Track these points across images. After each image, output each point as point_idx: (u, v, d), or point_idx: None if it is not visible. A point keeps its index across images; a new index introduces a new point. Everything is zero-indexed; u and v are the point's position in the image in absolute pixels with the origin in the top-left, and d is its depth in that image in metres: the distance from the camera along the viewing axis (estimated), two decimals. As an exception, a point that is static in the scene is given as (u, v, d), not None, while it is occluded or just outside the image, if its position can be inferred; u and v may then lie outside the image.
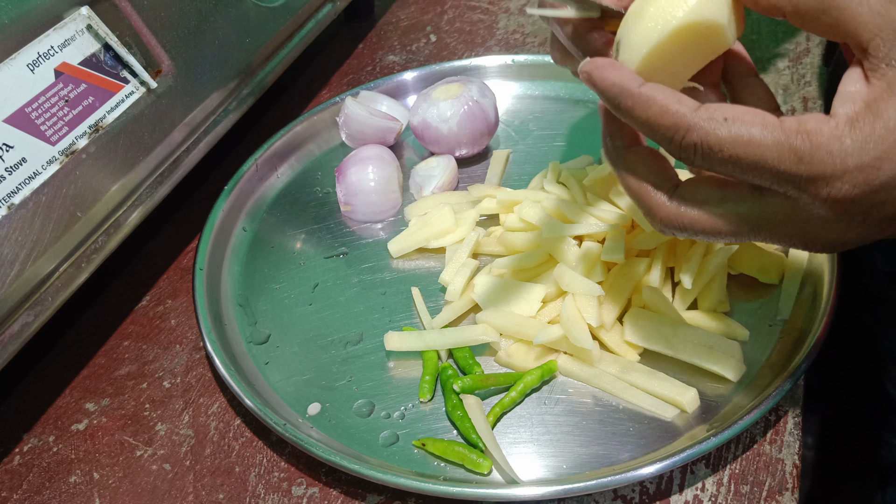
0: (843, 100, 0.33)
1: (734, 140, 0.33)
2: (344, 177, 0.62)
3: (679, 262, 0.52)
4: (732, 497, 0.44)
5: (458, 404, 0.48)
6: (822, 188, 0.32)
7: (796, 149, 0.32)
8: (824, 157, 0.32)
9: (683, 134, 0.34)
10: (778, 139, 0.32)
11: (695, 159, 0.34)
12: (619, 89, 0.35)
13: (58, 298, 0.49)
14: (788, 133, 0.32)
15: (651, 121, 0.35)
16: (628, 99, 0.35)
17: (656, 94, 0.34)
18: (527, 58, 0.72)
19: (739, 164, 0.33)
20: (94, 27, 0.51)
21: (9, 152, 0.46)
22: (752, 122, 0.33)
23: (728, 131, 0.33)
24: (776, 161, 0.32)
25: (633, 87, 0.35)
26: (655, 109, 0.34)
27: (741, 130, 0.33)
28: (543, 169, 0.63)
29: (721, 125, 0.33)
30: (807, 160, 0.32)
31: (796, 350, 0.47)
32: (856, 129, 0.31)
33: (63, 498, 0.48)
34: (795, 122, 0.33)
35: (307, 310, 0.57)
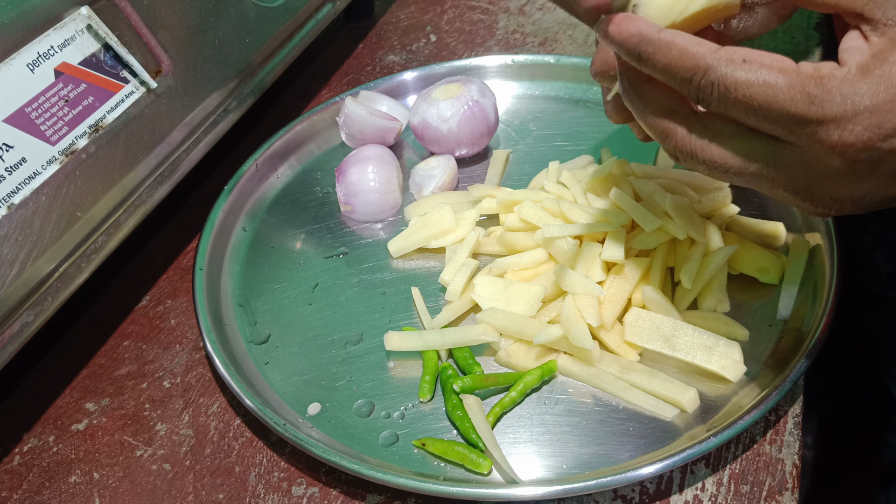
0: (850, 53, 0.33)
1: (750, 81, 0.33)
2: (344, 177, 0.62)
3: (679, 262, 0.52)
4: (732, 497, 0.44)
5: (458, 404, 0.48)
6: (833, 131, 0.33)
7: (808, 92, 0.33)
8: (836, 100, 0.32)
9: (703, 74, 0.34)
10: (792, 82, 0.33)
11: (712, 99, 0.35)
12: (639, 38, 0.36)
13: (58, 298, 0.49)
14: (803, 77, 0.33)
15: (672, 64, 0.35)
16: (649, 45, 0.36)
17: (675, 37, 0.35)
18: (527, 58, 0.72)
19: (752, 106, 0.34)
20: (94, 27, 0.51)
21: (9, 152, 0.46)
22: (769, 65, 0.33)
23: (745, 72, 0.34)
24: (788, 102, 0.33)
25: (653, 33, 0.36)
26: (675, 52, 0.35)
27: (757, 72, 0.33)
28: (543, 169, 0.63)
29: (739, 66, 0.34)
30: (818, 102, 0.32)
31: (796, 350, 0.47)
32: (867, 75, 0.32)
33: (63, 498, 0.48)
34: (812, 67, 0.33)
35: (307, 310, 0.57)
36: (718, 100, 0.35)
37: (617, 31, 0.37)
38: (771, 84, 0.33)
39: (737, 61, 0.34)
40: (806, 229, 0.55)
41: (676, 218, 0.52)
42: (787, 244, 0.55)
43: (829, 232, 0.52)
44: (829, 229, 0.53)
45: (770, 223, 0.55)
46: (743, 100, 0.34)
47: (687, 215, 0.52)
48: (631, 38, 0.36)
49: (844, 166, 0.34)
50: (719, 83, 0.34)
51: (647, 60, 0.36)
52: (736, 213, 0.56)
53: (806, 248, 0.53)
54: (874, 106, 0.32)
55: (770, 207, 0.58)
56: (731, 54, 0.34)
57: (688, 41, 0.35)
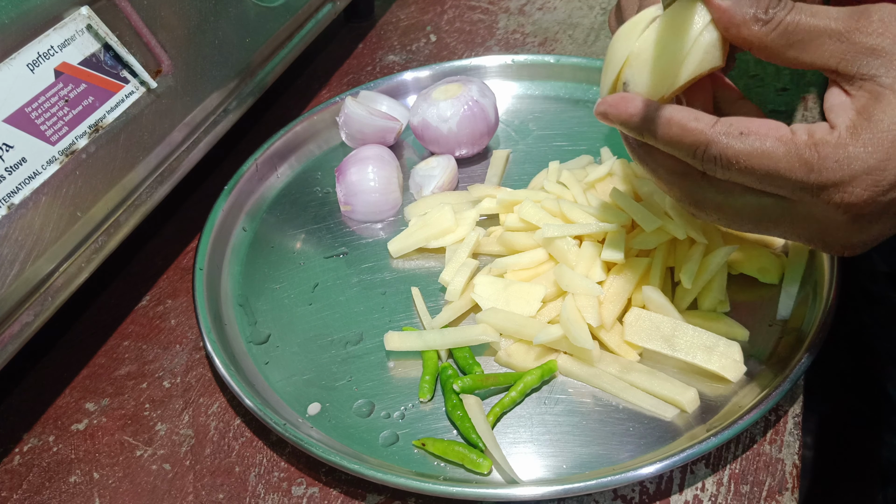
0: (836, 111, 0.35)
1: (750, 152, 0.35)
2: (344, 177, 0.62)
3: (679, 262, 0.52)
4: (732, 497, 0.44)
5: (458, 404, 0.48)
6: (835, 194, 0.34)
7: (805, 159, 0.34)
8: (832, 166, 0.34)
9: (704, 148, 0.36)
10: (789, 151, 0.34)
11: (716, 170, 0.37)
12: (640, 117, 0.38)
13: (58, 298, 0.49)
14: (798, 145, 0.34)
15: (673, 140, 0.37)
16: (650, 123, 0.37)
17: (674, 114, 0.37)
18: (527, 58, 0.72)
19: (755, 174, 0.36)
20: (94, 27, 0.51)
21: (9, 152, 0.46)
22: (766, 135, 0.35)
23: (744, 144, 0.35)
24: (788, 171, 0.35)
25: (652, 112, 0.37)
26: (676, 129, 0.37)
27: (756, 143, 0.35)
28: (543, 169, 0.63)
29: (737, 139, 0.35)
30: (816, 169, 0.34)
31: (796, 350, 0.47)
32: (856, 137, 0.34)
33: (63, 498, 0.48)
34: (805, 133, 0.35)
35: (307, 310, 0.57)
36: (723, 170, 0.36)
37: (615, 112, 0.38)
38: (770, 154, 0.35)
39: (734, 134, 0.35)
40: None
41: (676, 218, 0.52)
42: (787, 244, 0.54)
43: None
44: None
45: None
46: (746, 170, 0.36)
47: (687, 215, 0.52)
48: (631, 119, 0.38)
49: (851, 220, 0.36)
50: (721, 157, 0.36)
51: (649, 137, 0.38)
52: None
53: (806, 248, 0.53)
54: (868, 168, 0.33)
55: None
56: (729, 128, 0.36)
57: (686, 117, 0.37)
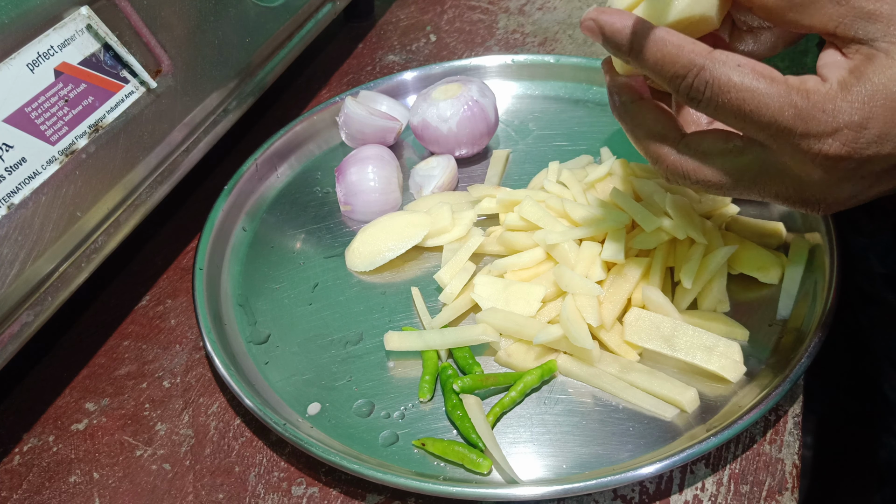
0: (829, 67, 0.35)
1: (742, 85, 0.35)
2: (344, 176, 0.62)
3: (679, 262, 0.52)
4: (732, 497, 0.44)
5: (458, 404, 0.48)
6: (815, 144, 0.34)
7: (795, 104, 0.34)
8: (818, 115, 0.34)
9: (697, 72, 0.35)
10: (780, 93, 0.34)
11: (702, 99, 0.36)
12: (633, 31, 0.36)
13: (58, 298, 0.49)
14: (791, 89, 0.34)
15: (665, 59, 0.36)
16: (642, 39, 0.36)
17: (670, 34, 0.36)
18: (527, 58, 0.72)
19: (742, 110, 0.35)
20: (93, 27, 0.51)
21: (9, 152, 0.46)
22: (761, 73, 0.35)
23: (739, 76, 0.35)
24: (776, 113, 0.34)
25: (646, 27, 0.36)
26: (670, 48, 0.35)
27: (750, 77, 0.35)
28: (543, 169, 0.63)
29: (734, 69, 0.35)
30: (803, 116, 0.34)
31: (796, 350, 0.47)
32: (846, 92, 0.34)
33: (63, 498, 0.48)
34: (798, 80, 0.35)
35: (307, 310, 0.57)
36: (709, 100, 0.36)
37: (609, 21, 0.37)
38: (762, 92, 0.34)
39: (731, 64, 0.35)
40: (806, 229, 0.55)
41: (676, 218, 0.52)
42: (787, 244, 0.55)
43: (829, 232, 0.52)
44: (828, 229, 0.53)
45: (770, 223, 0.55)
46: (734, 102, 0.35)
47: (687, 215, 0.52)
48: (624, 30, 0.36)
49: (826, 174, 0.36)
50: (713, 83, 0.35)
51: (639, 54, 0.36)
52: (736, 213, 0.56)
53: (806, 248, 0.53)
54: (851, 123, 0.34)
55: (770, 207, 0.58)
56: (726, 56, 0.35)
57: (682, 38, 0.36)
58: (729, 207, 0.56)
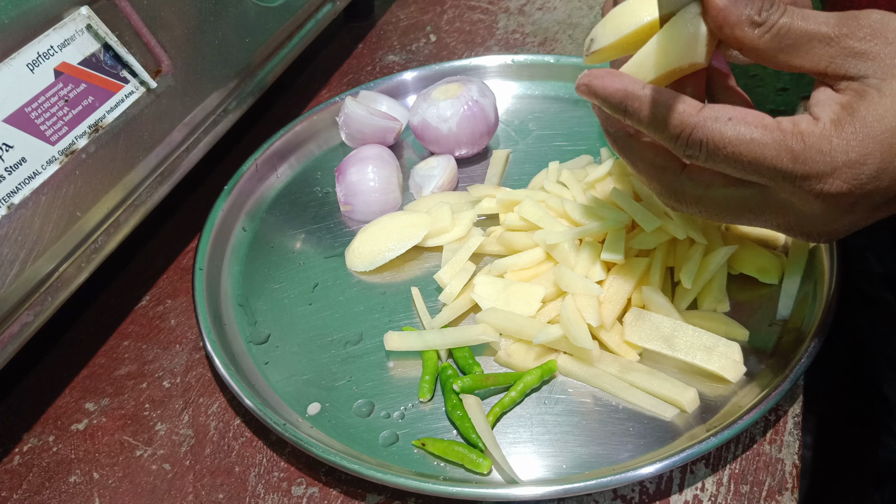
0: (822, 105, 0.36)
1: (737, 139, 0.35)
2: (344, 176, 0.62)
3: (679, 262, 0.52)
4: (732, 497, 0.44)
5: (458, 404, 0.48)
6: (816, 184, 0.35)
7: (792, 148, 0.35)
8: (816, 157, 0.34)
9: (690, 132, 0.36)
10: (776, 139, 0.35)
11: (699, 156, 0.37)
12: (625, 94, 0.37)
13: (58, 298, 0.49)
14: (785, 134, 0.35)
15: (658, 120, 0.37)
16: (635, 101, 0.37)
17: (661, 95, 0.37)
18: (527, 58, 0.72)
19: (741, 162, 0.36)
20: (93, 27, 0.51)
21: (9, 152, 0.46)
22: (753, 123, 0.35)
23: (732, 130, 0.35)
24: (774, 159, 0.35)
25: (637, 89, 0.37)
26: (662, 110, 0.37)
27: (743, 129, 0.35)
28: (543, 169, 0.63)
29: (725, 124, 0.36)
30: (801, 159, 0.35)
31: (796, 350, 0.47)
32: (840, 130, 0.34)
33: (63, 498, 0.48)
34: (790, 123, 0.35)
35: (307, 310, 0.57)
36: (707, 156, 0.36)
37: (600, 85, 0.38)
38: (757, 141, 0.35)
39: (722, 119, 0.36)
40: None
41: (676, 218, 0.52)
42: (787, 244, 0.55)
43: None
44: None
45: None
46: (732, 156, 0.36)
47: (687, 215, 0.52)
48: (616, 93, 0.37)
49: (827, 209, 0.37)
50: (707, 141, 0.36)
51: (633, 115, 0.38)
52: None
53: (806, 248, 0.53)
54: (850, 161, 0.34)
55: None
56: (716, 112, 0.36)
57: (674, 99, 0.36)
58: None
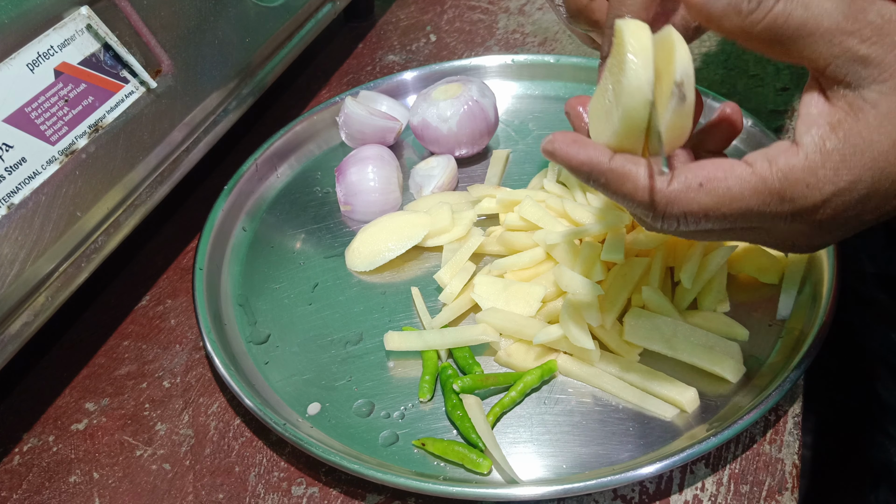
0: (808, 125, 0.34)
1: (717, 202, 0.34)
2: (344, 176, 0.62)
3: (679, 262, 0.52)
4: (732, 497, 0.44)
5: (458, 404, 0.48)
6: (808, 217, 0.34)
7: (776, 190, 0.34)
8: (804, 192, 0.33)
9: (664, 208, 0.35)
10: (756, 187, 0.34)
11: (678, 229, 0.36)
12: (590, 167, 0.35)
13: (58, 298, 0.49)
14: (764, 177, 0.34)
15: (628, 196, 0.35)
16: (601, 176, 0.35)
17: (628, 167, 0.35)
18: (527, 57, 0.72)
19: (727, 220, 0.35)
20: (93, 27, 0.51)
21: (9, 152, 0.46)
22: (725, 178, 0.34)
23: (708, 196, 0.34)
24: (762, 206, 0.34)
25: (604, 161, 0.35)
26: (630, 186, 0.35)
27: (720, 191, 0.34)
28: (543, 169, 0.63)
29: (699, 192, 0.34)
30: (789, 198, 0.34)
31: (796, 350, 0.47)
32: (826, 158, 0.33)
33: (63, 498, 0.48)
34: (766, 162, 0.34)
35: (307, 310, 0.57)
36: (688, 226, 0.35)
37: (565, 155, 0.36)
38: (738, 197, 0.34)
39: (694, 187, 0.34)
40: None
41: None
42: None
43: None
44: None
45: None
46: (716, 218, 0.34)
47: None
48: (581, 166, 0.35)
49: (818, 232, 0.36)
50: (686, 214, 0.34)
51: (601, 188, 0.36)
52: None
53: (806, 248, 0.53)
54: (839, 190, 0.33)
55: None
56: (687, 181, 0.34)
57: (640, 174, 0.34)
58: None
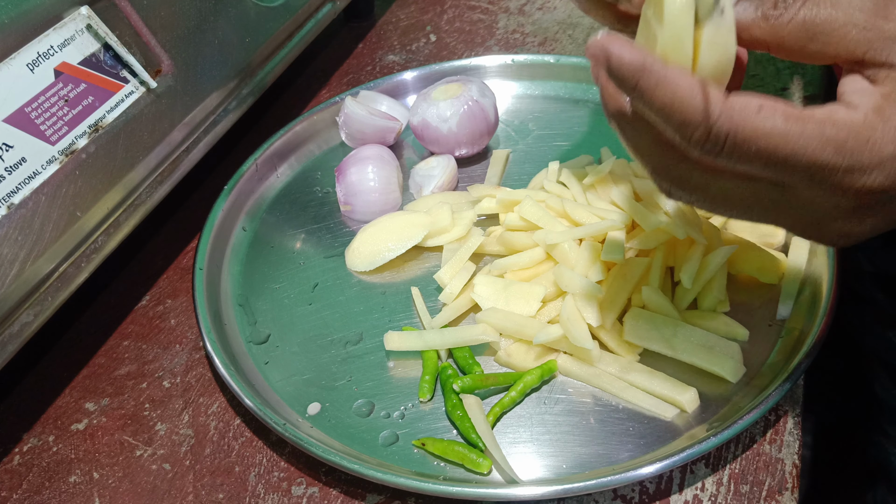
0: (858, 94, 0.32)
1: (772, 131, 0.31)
2: (344, 176, 0.62)
3: (679, 262, 0.52)
4: (732, 497, 0.44)
5: (458, 404, 0.48)
6: (859, 178, 0.31)
7: (833, 139, 0.31)
8: (861, 147, 0.31)
9: (714, 121, 0.31)
10: (814, 132, 0.31)
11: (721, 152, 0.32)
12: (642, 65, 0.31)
13: (58, 298, 0.49)
14: (823, 124, 0.31)
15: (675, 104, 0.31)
16: (651, 77, 0.31)
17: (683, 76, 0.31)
18: (527, 57, 0.72)
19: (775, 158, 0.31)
20: (93, 27, 0.51)
21: (9, 152, 0.46)
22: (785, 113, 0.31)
23: (764, 121, 0.31)
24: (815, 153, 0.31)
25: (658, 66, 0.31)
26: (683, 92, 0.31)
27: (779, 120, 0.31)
28: (543, 169, 0.63)
29: (757, 115, 0.31)
30: (844, 151, 0.31)
31: (796, 350, 0.47)
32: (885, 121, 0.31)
33: (63, 498, 0.48)
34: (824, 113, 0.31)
35: (307, 310, 0.57)
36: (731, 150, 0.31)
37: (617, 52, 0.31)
38: (795, 133, 0.31)
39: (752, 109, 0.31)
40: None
41: (676, 218, 0.52)
42: (786, 244, 0.55)
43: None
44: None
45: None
46: (765, 150, 0.31)
47: (687, 215, 0.52)
48: (631, 64, 0.31)
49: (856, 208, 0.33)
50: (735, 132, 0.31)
51: (646, 93, 0.31)
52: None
53: (806, 248, 0.53)
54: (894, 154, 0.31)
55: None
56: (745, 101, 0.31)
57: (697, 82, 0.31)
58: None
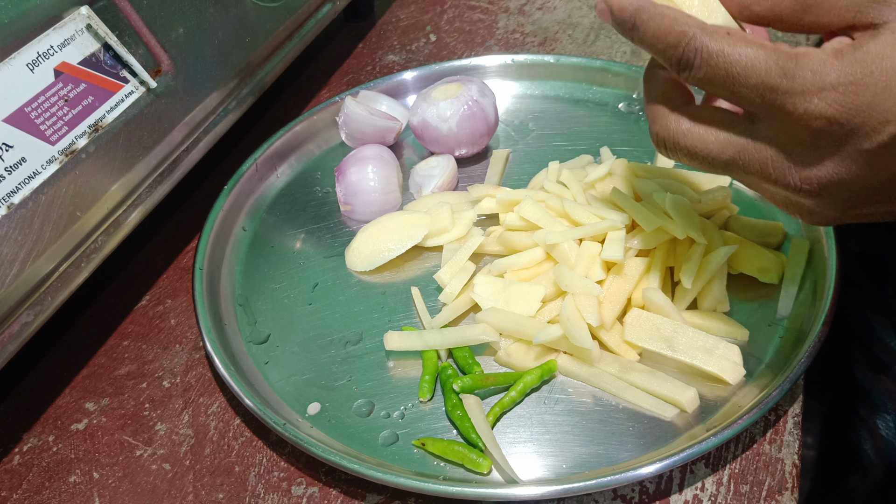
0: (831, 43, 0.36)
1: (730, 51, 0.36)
2: (344, 176, 0.62)
3: (679, 262, 0.52)
4: (732, 497, 0.44)
5: (458, 404, 0.48)
6: (800, 103, 0.35)
7: (783, 66, 0.35)
8: (805, 75, 0.35)
9: (689, 41, 0.37)
10: (768, 56, 0.35)
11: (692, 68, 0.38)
12: (636, 7, 0.39)
13: (58, 298, 0.49)
14: (780, 53, 0.35)
15: (661, 31, 0.38)
16: (644, 13, 0.39)
17: (668, 10, 0.38)
18: (527, 57, 0.72)
19: (730, 75, 0.36)
20: (93, 27, 0.51)
21: (8, 152, 0.46)
22: (749, 41, 0.36)
23: (728, 44, 0.36)
24: (764, 73, 0.35)
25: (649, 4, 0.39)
26: (667, 21, 0.38)
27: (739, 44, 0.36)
28: (543, 169, 0.63)
29: (722, 38, 0.37)
30: (789, 75, 0.35)
31: (796, 350, 0.47)
32: (839, 58, 0.35)
33: (63, 498, 0.48)
34: (788, 47, 0.36)
35: (307, 309, 0.57)
36: (698, 67, 0.37)
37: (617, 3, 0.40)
38: (750, 56, 0.36)
39: (720, 33, 0.37)
40: (806, 229, 0.55)
41: (676, 218, 0.52)
42: (787, 244, 0.55)
43: (829, 231, 0.52)
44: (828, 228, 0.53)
45: (770, 222, 0.55)
46: (722, 67, 0.36)
47: (687, 215, 0.52)
48: (629, 6, 0.39)
49: (809, 138, 0.36)
50: (702, 50, 0.37)
51: (639, 28, 0.39)
52: (736, 213, 0.56)
53: (806, 248, 0.53)
54: (839, 84, 0.34)
55: (770, 207, 0.58)
56: (716, 28, 0.37)
57: (679, 13, 0.38)
58: (729, 207, 0.56)
